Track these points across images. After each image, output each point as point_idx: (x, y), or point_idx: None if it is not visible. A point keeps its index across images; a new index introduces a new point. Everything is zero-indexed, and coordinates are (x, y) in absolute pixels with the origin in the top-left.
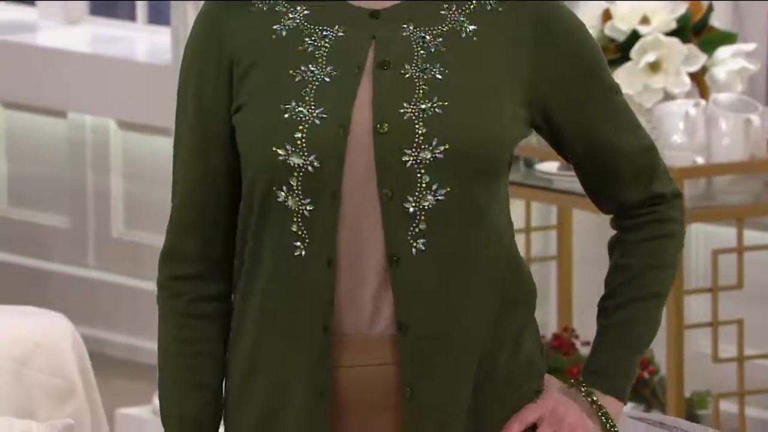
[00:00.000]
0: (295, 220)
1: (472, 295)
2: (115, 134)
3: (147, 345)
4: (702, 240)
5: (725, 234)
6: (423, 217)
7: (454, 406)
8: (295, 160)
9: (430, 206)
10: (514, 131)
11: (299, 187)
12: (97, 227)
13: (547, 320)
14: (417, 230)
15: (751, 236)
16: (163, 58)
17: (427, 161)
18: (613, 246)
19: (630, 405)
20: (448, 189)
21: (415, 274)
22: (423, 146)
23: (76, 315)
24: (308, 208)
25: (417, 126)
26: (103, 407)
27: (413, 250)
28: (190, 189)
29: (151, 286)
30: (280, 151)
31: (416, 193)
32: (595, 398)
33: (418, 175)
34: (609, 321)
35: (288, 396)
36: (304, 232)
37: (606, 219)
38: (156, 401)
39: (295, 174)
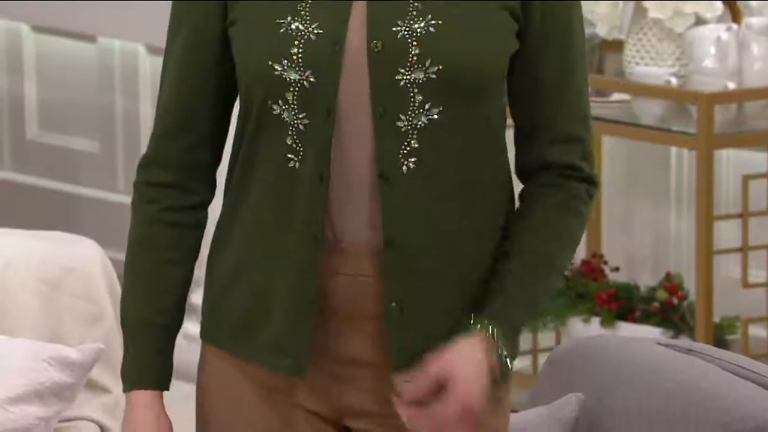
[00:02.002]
0: (290, 133)
1: (467, 214)
2: (144, 59)
3: None
4: (732, 165)
5: (756, 159)
6: (415, 136)
7: (440, 323)
8: (291, 75)
9: (423, 125)
10: (509, 44)
11: (295, 102)
12: (127, 151)
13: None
14: (408, 149)
15: None
16: None
17: (420, 81)
18: (521, 201)
19: (658, 330)
20: (441, 108)
21: (404, 192)
22: (416, 66)
23: (105, 239)
24: (304, 122)
25: (411, 46)
26: None
27: (403, 168)
28: (174, 96)
29: None
30: (276, 66)
31: (409, 112)
32: (492, 332)
33: (411, 94)
34: (510, 268)
35: (273, 303)
36: (299, 145)
37: (636, 145)
38: (186, 326)
39: (291, 89)
